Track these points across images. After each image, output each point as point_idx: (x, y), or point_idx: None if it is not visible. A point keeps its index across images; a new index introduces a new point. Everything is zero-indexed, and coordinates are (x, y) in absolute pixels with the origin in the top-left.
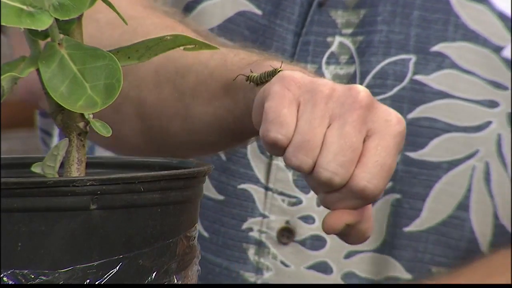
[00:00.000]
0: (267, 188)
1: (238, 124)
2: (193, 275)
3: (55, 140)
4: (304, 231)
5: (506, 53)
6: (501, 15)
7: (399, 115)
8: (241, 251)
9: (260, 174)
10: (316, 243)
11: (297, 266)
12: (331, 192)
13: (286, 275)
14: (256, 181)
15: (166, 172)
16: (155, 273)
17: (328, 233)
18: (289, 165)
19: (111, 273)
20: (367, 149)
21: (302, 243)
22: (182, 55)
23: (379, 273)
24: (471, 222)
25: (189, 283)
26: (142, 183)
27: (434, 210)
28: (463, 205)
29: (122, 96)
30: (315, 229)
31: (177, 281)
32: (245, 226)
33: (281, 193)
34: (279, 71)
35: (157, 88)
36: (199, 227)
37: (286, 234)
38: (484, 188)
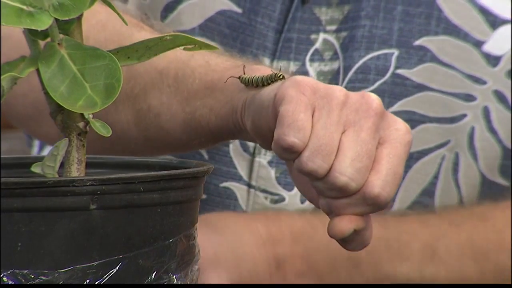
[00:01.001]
0: (249, 186)
1: (220, 124)
2: (193, 275)
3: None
4: None
5: (486, 48)
6: (482, 9)
7: (407, 125)
8: None
9: (242, 171)
10: None
11: None
12: (341, 197)
13: None
14: (238, 178)
15: (166, 172)
16: (155, 273)
17: (335, 237)
18: (303, 170)
19: (111, 273)
20: (380, 157)
21: None
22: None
23: None
24: (435, 209)
25: (189, 283)
26: (142, 183)
27: (402, 198)
28: (428, 191)
29: None
30: None
31: (177, 281)
32: None
33: (263, 191)
34: (280, 76)
35: (130, 81)
36: None
37: None
38: (451, 178)
